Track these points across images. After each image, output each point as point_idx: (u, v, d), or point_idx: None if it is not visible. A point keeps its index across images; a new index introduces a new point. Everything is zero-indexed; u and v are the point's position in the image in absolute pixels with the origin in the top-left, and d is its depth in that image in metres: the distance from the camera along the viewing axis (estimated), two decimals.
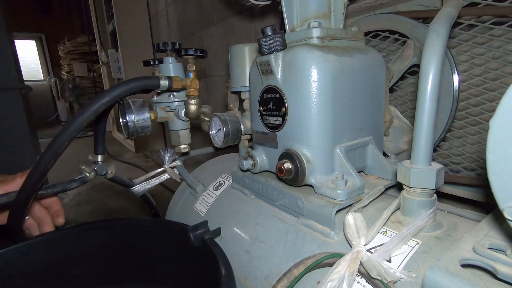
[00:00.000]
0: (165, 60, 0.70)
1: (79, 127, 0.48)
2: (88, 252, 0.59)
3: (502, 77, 0.54)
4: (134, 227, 0.60)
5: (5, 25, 1.67)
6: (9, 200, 0.51)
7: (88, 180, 0.63)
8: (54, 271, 0.56)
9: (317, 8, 0.50)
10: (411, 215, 0.40)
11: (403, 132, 0.67)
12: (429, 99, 0.36)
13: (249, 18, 1.43)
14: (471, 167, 0.61)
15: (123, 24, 2.83)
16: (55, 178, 2.40)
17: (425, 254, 0.36)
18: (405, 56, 0.64)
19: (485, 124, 0.57)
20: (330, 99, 0.45)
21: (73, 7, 6.93)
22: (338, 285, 0.33)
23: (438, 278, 0.29)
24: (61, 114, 6.87)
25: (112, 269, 0.61)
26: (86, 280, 0.59)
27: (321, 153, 0.46)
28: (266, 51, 0.46)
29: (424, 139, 0.37)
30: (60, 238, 0.56)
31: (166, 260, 0.59)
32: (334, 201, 0.44)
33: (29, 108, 1.86)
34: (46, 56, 7.31)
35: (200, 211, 0.68)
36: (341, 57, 0.46)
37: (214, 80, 1.86)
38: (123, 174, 0.75)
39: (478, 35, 0.56)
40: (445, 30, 0.38)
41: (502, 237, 0.32)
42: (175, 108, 0.72)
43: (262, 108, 0.53)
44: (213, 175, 0.75)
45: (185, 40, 2.13)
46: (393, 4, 0.67)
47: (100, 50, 4.03)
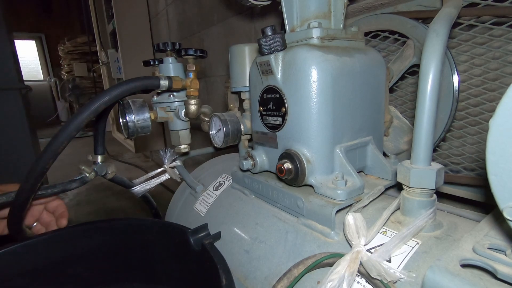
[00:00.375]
0: (165, 60, 0.71)
1: (79, 126, 0.48)
2: (88, 252, 0.59)
3: (502, 77, 0.55)
4: (133, 227, 0.60)
5: (5, 25, 1.67)
6: (9, 200, 0.51)
7: (88, 181, 0.63)
8: (53, 271, 0.56)
9: (317, 8, 0.50)
10: (411, 215, 0.40)
11: (403, 132, 0.67)
12: (429, 99, 0.36)
13: (249, 18, 1.43)
14: (471, 167, 0.61)
15: (123, 24, 2.83)
16: (54, 178, 2.40)
17: (425, 254, 0.36)
18: (405, 56, 0.64)
19: (485, 124, 0.57)
20: (330, 99, 0.45)
21: (73, 7, 6.93)
22: (338, 285, 0.33)
23: (438, 278, 0.29)
24: (61, 114, 6.87)
25: (111, 269, 0.61)
26: (85, 280, 0.59)
27: (321, 153, 0.46)
28: (266, 51, 0.46)
29: (424, 139, 0.37)
30: (60, 238, 0.57)
31: (166, 261, 0.59)
32: (334, 201, 0.44)
33: (29, 108, 1.86)
34: (46, 56, 7.31)
35: (200, 211, 0.68)
36: (341, 57, 0.46)
37: (214, 80, 1.86)
38: (123, 174, 0.75)
39: (478, 35, 0.56)
40: (445, 30, 0.38)
41: (502, 237, 0.32)
42: (175, 108, 0.72)
43: (262, 108, 0.53)
44: (213, 175, 0.75)
45: (185, 40, 2.13)
46: (393, 4, 0.67)
47: (100, 50, 4.04)
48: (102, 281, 0.60)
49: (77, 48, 5.73)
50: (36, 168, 0.48)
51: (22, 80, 1.82)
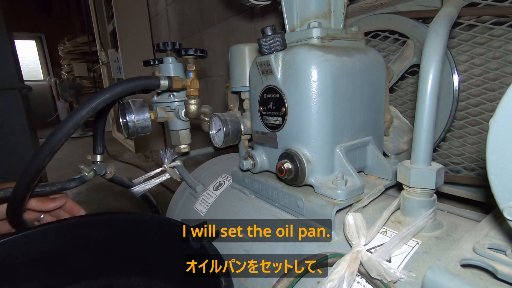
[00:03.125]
0: (165, 60, 0.70)
1: (77, 123, 0.47)
2: (86, 244, 0.59)
3: (502, 77, 0.54)
4: (132, 221, 0.60)
5: (5, 25, 1.67)
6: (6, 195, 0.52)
7: (87, 180, 0.63)
8: (51, 261, 0.57)
9: (317, 8, 0.50)
10: (411, 215, 0.40)
11: (403, 132, 0.67)
12: (429, 99, 0.36)
13: (249, 18, 1.43)
14: (471, 167, 0.61)
15: (123, 24, 2.83)
16: (54, 178, 2.40)
17: (425, 254, 0.36)
18: (405, 56, 0.64)
19: (485, 124, 0.57)
20: (330, 99, 0.45)
21: (73, 7, 6.93)
22: (338, 285, 0.33)
23: (438, 278, 0.29)
24: (61, 114, 6.86)
25: (109, 261, 0.61)
26: (82, 270, 0.60)
27: (321, 153, 0.46)
28: (266, 51, 0.46)
29: (424, 139, 0.37)
30: (58, 230, 0.57)
31: (164, 257, 0.60)
32: (334, 201, 0.44)
33: (29, 108, 1.86)
34: (46, 56, 7.31)
35: (200, 211, 0.68)
36: (341, 57, 0.46)
37: (214, 80, 1.86)
38: (123, 174, 0.75)
39: (478, 35, 0.56)
40: (445, 30, 0.38)
41: (502, 237, 0.32)
42: (175, 108, 0.72)
43: (262, 108, 0.53)
44: (213, 175, 0.75)
45: (185, 40, 2.12)
46: (393, 4, 0.67)
47: (100, 50, 4.03)
48: (99, 272, 0.61)
49: (77, 48, 5.72)
50: (33, 166, 0.47)
51: (22, 80, 1.82)
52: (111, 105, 0.59)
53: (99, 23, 3.90)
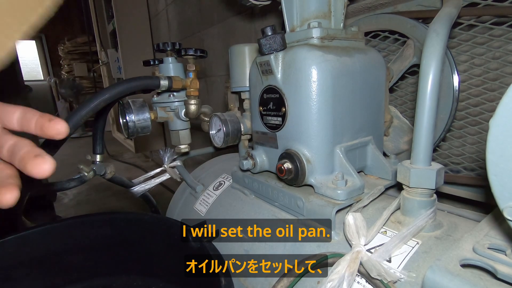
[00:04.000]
0: (165, 60, 0.71)
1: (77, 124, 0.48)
2: (85, 243, 0.59)
3: (502, 77, 0.54)
4: (132, 221, 0.60)
5: None
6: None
7: (87, 180, 0.63)
8: (51, 260, 0.57)
9: (317, 8, 0.50)
10: (411, 215, 0.40)
11: (403, 132, 0.67)
12: (429, 99, 0.36)
13: (249, 18, 1.43)
14: (471, 167, 0.61)
15: (123, 24, 2.83)
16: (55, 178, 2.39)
17: (425, 254, 0.36)
18: (405, 56, 0.64)
19: (485, 124, 0.57)
20: (330, 99, 0.45)
21: (73, 7, 6.92)
22: (338, 285, 0.33)
23: (438, 278, 0.29)
24: (61, 114, 6.86)
25: (109, 261, 0.61)
26: (82, 270, 0.60)
27: (321, 153, 0.46)
28: (266, 51, 0.46)
29: (424, 139, 0.37)
30: (58, 229, 0.57)
31: (163, 256, 0.60)
32: (334, 201, 0.44)
33: None
34: (46, 56, 7.30)
35: (200, 211, 0.68)
36: (341, 57, 0.46)
37: (214, 80, 1.86)
38: (123, 174, 0.75)
39: (478, 35, 0.56)
40: (445, 30, 0.38)
41: (502, 237, 0.32)
42: (175, 108, 0.72)
43: (262, 108, 0.53)
44: (213, 175, 0.75)
45: (185, 40, 2.12)
46: (393, 4, 0.67)
47: (100, 50, 4.03)
48: (99, 272, 0.61)
49: (77, 48, 5.72)
50: None
51: (22, 80, 1.82)
52: (111, 105, 0.59)
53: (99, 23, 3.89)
